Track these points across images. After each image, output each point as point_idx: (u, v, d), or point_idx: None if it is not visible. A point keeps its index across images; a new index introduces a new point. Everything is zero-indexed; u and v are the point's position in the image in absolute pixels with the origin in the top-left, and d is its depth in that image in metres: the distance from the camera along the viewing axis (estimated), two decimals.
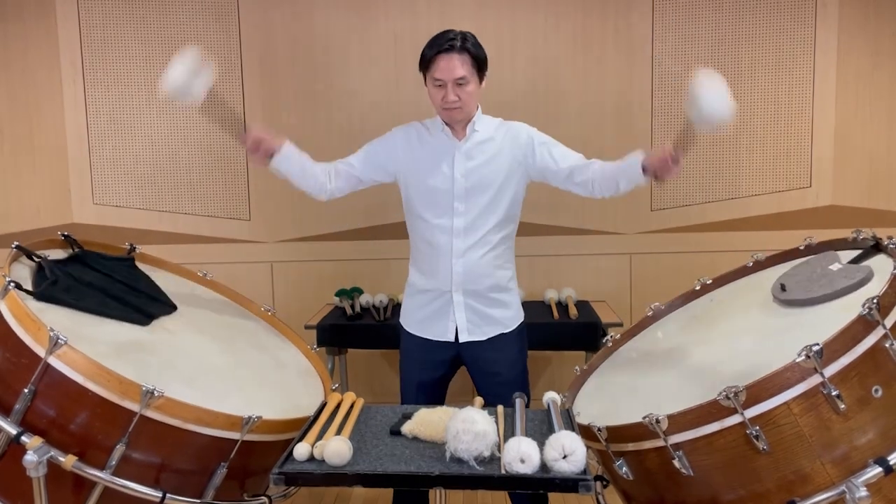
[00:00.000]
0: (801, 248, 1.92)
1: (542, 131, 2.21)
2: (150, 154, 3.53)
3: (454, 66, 2.01)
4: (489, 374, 2.21)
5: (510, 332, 2.22)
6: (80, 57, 3.45)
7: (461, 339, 2.18)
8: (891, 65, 3.39)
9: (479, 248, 2.14)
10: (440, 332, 2.20)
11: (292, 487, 1.86)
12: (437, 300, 2.19)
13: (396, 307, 3.29)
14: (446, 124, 2.14)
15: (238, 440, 1.62)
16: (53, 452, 1.51)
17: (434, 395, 2.25)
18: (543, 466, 1.41)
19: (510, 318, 2.23)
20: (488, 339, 2.19)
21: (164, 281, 2.17)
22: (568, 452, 1.40)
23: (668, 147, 1.88)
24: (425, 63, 2.05)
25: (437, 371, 2.24)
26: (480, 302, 2.17)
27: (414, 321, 2.25)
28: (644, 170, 1.96)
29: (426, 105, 3.08)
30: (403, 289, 3.35)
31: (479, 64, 2.06)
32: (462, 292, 2.16)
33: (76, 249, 2.05)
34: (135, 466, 1.56)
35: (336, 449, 1.45)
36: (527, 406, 1.78)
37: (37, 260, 1.89)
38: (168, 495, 1.58)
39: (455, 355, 2.22)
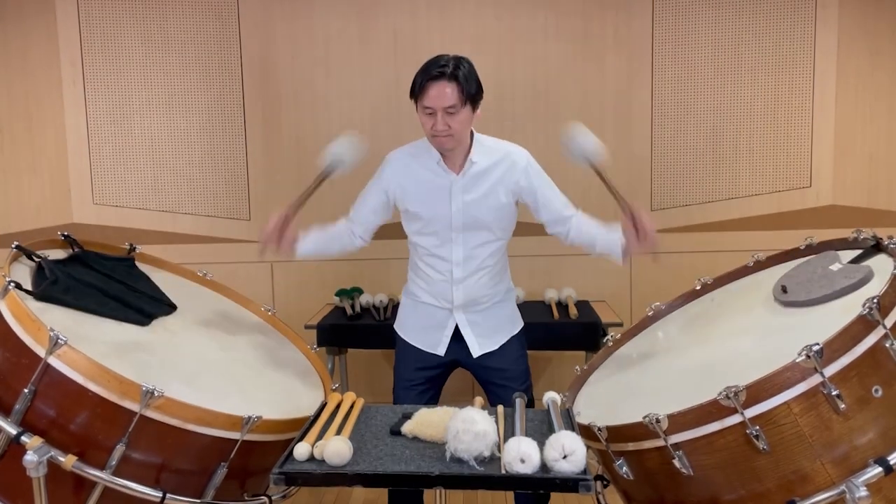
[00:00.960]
0: (802, 247, 1.92)
1: (541, 131, 2.21)
2: (150, 154, 3.53)
3: (444, 93, 1.94)
4: (495, 372, 2.21)
5: (515, 336, 2.25)
6: (80, 57, 3.45)
7: (475, 355, 2.18)
8: (891, 65, 3.39)
9: (478, 273, 2.15)
10: (431, 345, 2.20)
11: (292, 487, 1.86)
12: (437, 314, 2.19)
13: (396, 307, 3.29)
14: (441, 154, 2.09)
15: (238, 440, 1.62)
16: (53, 452, 1.51)
17: (428, 395, 2.25)
18: (543, 466, 1.41)
19: (511, 324, 2.25)
20: (499, 347, 2.20)
21: (164, 281, 2.17)
22: (568, 452, 1.40)
23: (636, 219, 1.98)
24: (416, 89, 2.01)
25: (431, 373, 2.24)
26: (482, 317, 2.19)
27: (409, 329, 2.26)
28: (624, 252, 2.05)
29: None
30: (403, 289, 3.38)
31: (469, 95, 1.98)
32: (462, 310, 2.17)
33: (76, 249, 2.05)
34: (135, 466, 1.56)
35: (336, 449, 1.45)
36: (527, 406, 1.78)
37: (37, 260, 1.89)
38: (168, 495, 1.57)
39: (449, 362, 2.22)
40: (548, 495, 2.32)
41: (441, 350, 2.19)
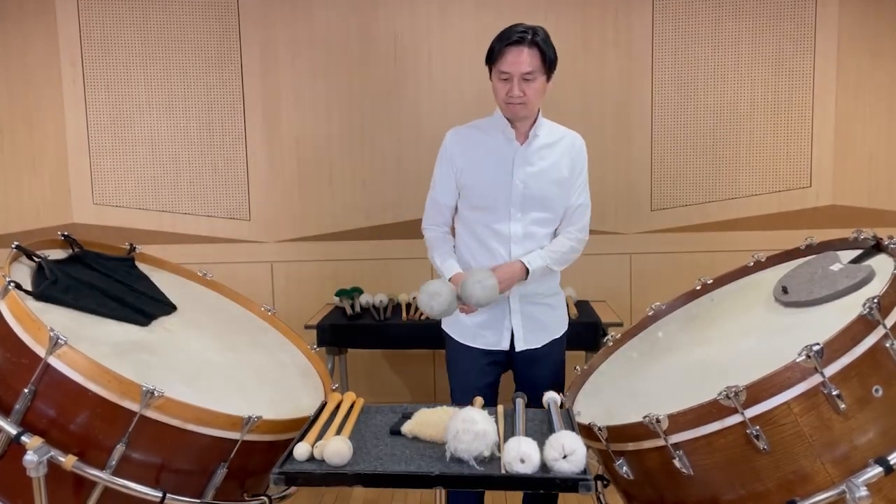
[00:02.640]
0: (802, 247, 1.92)
1: None
2: (150, 154, 3.53)
3: (522, 59, 1.93)
4: (535, 380, 2.16)
5: (559, 339, 2.21)
6: (80, 57, 3.45)
7: (518, 349, 2.13)
8: (891, 65, 3.39)
9: (532, 251, 2.10)
10: (494, 342, 2.14)
11: (292, 487, 1.86)
12: (492, 309, 2.10)
13: (396, 307, 3.29)
14: (509, 125, 2.06)
15: (238, 440, 1.62)
16: (53, 452, 1.51)
17: (489, 399, 2.09)
18: (543, 466, 1.41)
19: (560, 323, 2.22)
20: (542, 346, 2.16)
21: (164, 281, 2.17)
22: (568, 452, 1.40)
23: None
24: (492, 55, 1.98)
25: (488, 377, 2.17)
26: (535, 307, 2.15)
27: (464, 331, 2.17)
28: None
29: (426, 104, 3.10)
30: (403, 289, 3.38)
31: (549, 61, 1.98)
32: (519, 298, 2.12)
33: (76, 249, 2.05)
34: (135, 466, 1.56)
35: (336, 449, 1.45)
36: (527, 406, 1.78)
37: (37, 260, 1.89)
38: (168, 495, 1.57)
39: (505, 361, 2.17)
40: (556, 496, 2.29)
41: (505, 344, 2.13)
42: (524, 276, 2.05)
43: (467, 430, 1.45)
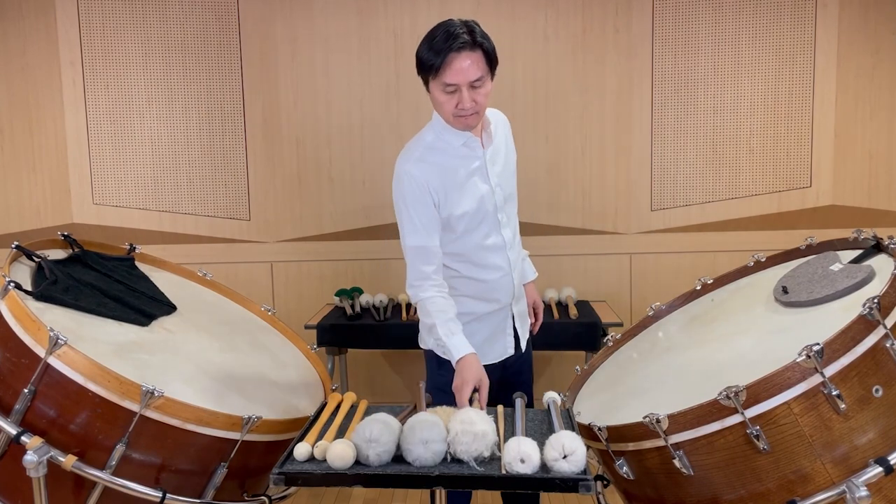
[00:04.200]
0: (802, 247, 1.92)
1: (542, 131, 2.20)
2: (150, 154, 3.53)
3: (469, 66, 1.70)
4: (518, 381, 2.10)
5: (530, 333, 2.20)
6: (80, 57, 3.45)
7: (523, 348, 2.10)
8: (891, 65, 3.39)
9: (520, 252, 2.11)
10: (501, 352, 2.02)
11: (292, 487, 1.86)
12: (496, 320, 2.01)
13: (396, 307, 3.29)
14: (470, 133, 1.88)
15: (238, 440, 1.62)
16: (53, 452, 1.51)
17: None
18: (543, 466, 1.41)
19: (528, 316, 2.20)
20: (524, 344, 2.13)
21: (164, 281, 2.17)
22: (568, 452, 1.40)
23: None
24: (431, 66, 1.72)
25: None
26: (523, 305, 2.13)
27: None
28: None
29: (426, 103, 3.07)
30: (403, 289, 3.38)
31: (493, 59, 1.77)
32: (515, 302, 2.06)
33: (76, 249, 2.05)
34: (135, 466, 1.56)
35: (340, 453, 1.45)
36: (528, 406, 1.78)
37: (37, 260, 1.89)
38: (168, 495, 1.58)
39: (500, 366, 2.04)
40: (537, 495, 2.28)
41: (511, 350, 2.03)
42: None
43: (466, 430, 1.45)
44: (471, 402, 1.73)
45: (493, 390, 1.83)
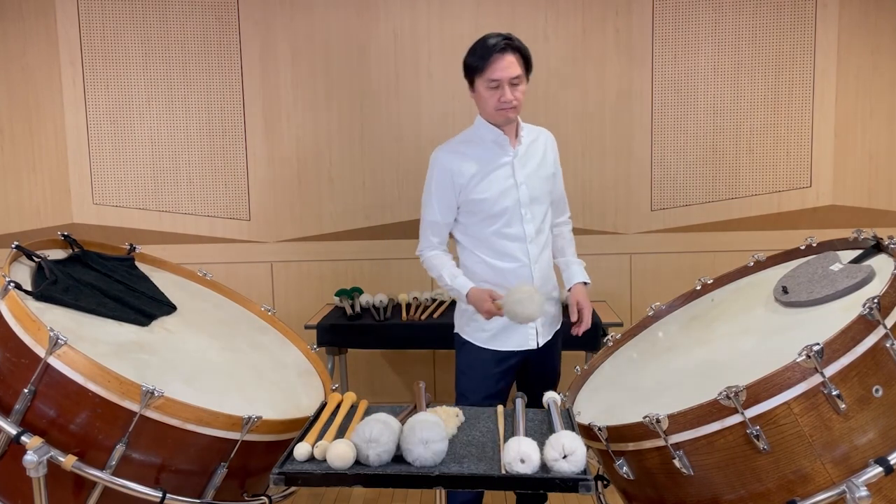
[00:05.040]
0: (802, 247, 1.92)
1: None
2: (150, 154, 3.53)
3: (510, 65, 2.01)
4: (546, 372, 2.25)
5: (559, 329, 2.30)
6: (80, 57, 3.45)
7: (539, 344, 2.18)
8: (891, 64, 3.39)
9: (545, 248, 2.20)
10: (521, 342, 2.17)
11: (292, 487, 1.86)
12: None
13: (396, 307, 3.30)
14: (501, 132, 2.11)
15: (238, 440, 1.62)
16: (53, 452, 1.51)
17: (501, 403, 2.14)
18: (543, 466, 1.41)
19: (559, 313, 2.31)
20: (551, 336, 2.24)
21: (164, 281, 2.17)
22: (568, 452, 1.40)
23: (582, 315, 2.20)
24: (477, 67, 2.02)
25: (504, 381, 2.19)
26: (549, 302, 2.21)
27: (488, 336, 2.17)
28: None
29: (426, 103, 3.10)
30: (403, 289, 3.38)
31: (528, 63, 2.08)
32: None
33: (76, 249, 2.05)
34: (135, 466, 1.56)
35: (340, 453, 1.45)
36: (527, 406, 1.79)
37: (37, 260, 1.89)
38: (168, 495, 1.58)
39: (521, 362, 2.20)
40: (545, 495, 2.32)
41: (531, 343, 2.17)
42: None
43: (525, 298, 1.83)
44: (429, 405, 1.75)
45: (518, 379, 2.25)
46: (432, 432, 1.45)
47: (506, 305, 1.96)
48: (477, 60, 2.03)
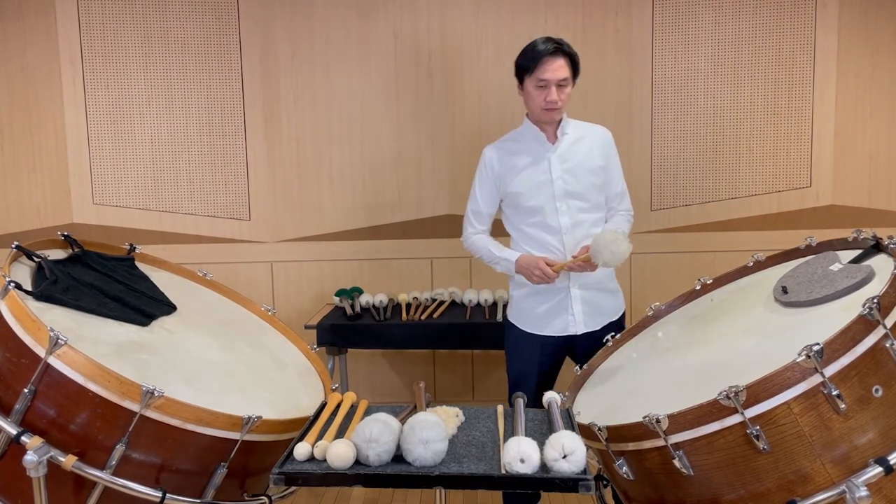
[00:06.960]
0: (802, 247, 1.92)
1: None
2: (150, 154, 3.53)
3: (560, 67, 2.15)
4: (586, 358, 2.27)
5: (616, 321, 2.35)
6: (80, 57, 3.45)
7: (578, 332, 2.29)
8: (891, 65, 3.39)
9: (585, 240, 2.22)
10: (560, 328, 2.30)
11: (292, 487, 1.86)
12: (555, 297, 2.29)
13: (396, 307, 3.30)
14: (539, 130, 2.26)
15: (238, 440, 1.62)
16: (53, 452, 1.51)
17: (548, 383, 2.35)
18: (543, 466, 1.41)
19: (617, 306, 2.38)
20: (602, 328, 2.29)
21: (164, 281, 2.17)
22: (568, 452, 1.40)
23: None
24: (529, 66, 2.17)
25: (549, 363, 2.34)
26: (593, 294, 2.29)
27: (530, 319, 2.34)
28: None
29: (426, 103, 3.10)
30: (403, 289, 3.38)
31: (576, 67, 2.21)
32: (579, 286, 2.28)
33: (76, 249, 2.05)
34: (135, 466, 1.56)
35: (340, 453, 1.45)
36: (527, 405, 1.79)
37: (37, 260, 1.89)
38: (168, 495, 1.58)
39: (566, 347, 2.33)
40: (538, 494, 2.34)
41: (571, 329, 2.29)
42: None
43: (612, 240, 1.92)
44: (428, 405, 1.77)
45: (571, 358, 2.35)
46: (432, 432, 1.45)
47: (596, 251, 2.01)
48: (528, 62, 2.17)
